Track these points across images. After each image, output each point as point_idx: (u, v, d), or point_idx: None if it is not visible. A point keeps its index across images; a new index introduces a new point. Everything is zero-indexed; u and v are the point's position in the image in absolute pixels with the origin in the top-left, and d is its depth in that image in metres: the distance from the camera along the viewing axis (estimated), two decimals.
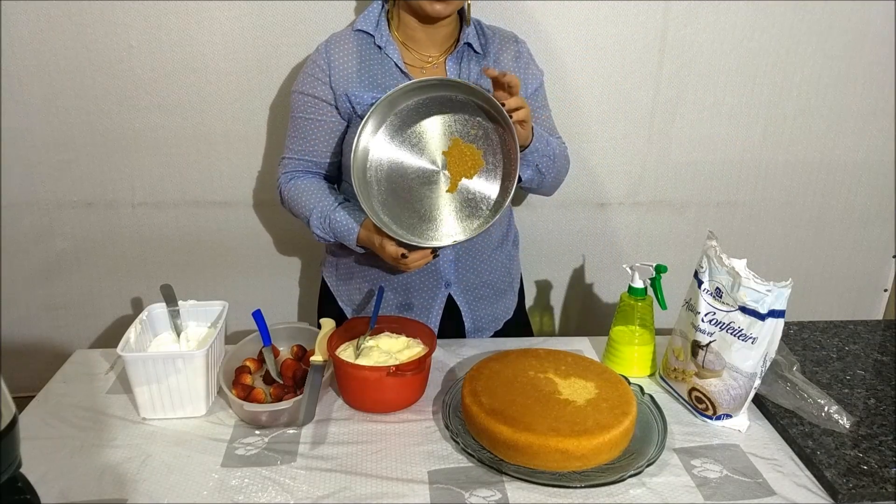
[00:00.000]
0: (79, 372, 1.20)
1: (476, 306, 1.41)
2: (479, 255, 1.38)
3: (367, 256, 1.35)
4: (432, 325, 1.38)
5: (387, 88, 1.24)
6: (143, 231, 1.73)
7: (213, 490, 0.92)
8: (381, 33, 1.28)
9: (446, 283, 1.37)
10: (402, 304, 1.38)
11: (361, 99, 1.25)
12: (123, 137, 1.64)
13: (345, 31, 1.30)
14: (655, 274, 1.19)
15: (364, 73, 1.27)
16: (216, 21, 1.55)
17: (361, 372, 1.07)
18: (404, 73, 1.27)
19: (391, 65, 1.27)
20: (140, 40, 1.55)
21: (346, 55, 1.27)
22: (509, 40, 1.34)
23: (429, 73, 1.29)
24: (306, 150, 1.33)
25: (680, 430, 1.07)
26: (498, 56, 1.32)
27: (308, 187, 1.32)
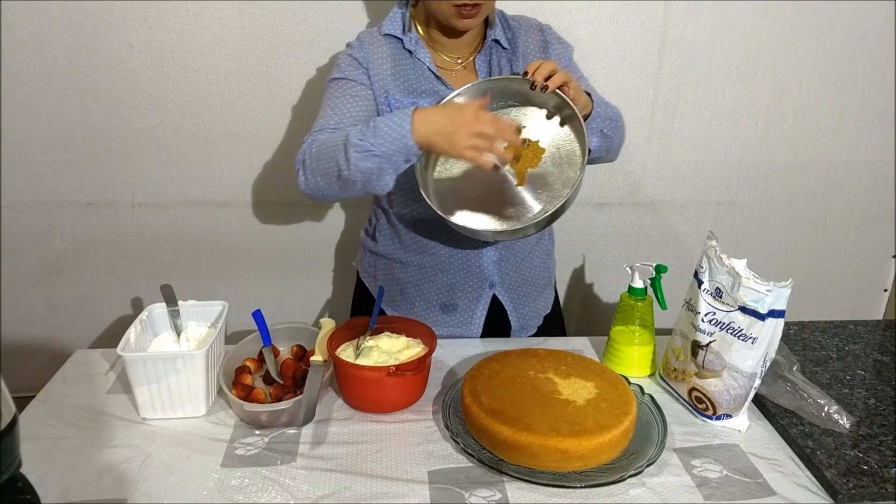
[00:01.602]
0: (79, 372, 1.20)
1: (520, 304, 1.39)
2: (521, 253, 1.36)
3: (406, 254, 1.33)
4: (476, 325, 1.36)
5: (422, 92, 1.24)
6: (143, 231, 1.74)
7: (213, 490, 0.92)
8: (409, 37, 1.26)
9: (490, 283, 1.35)
10: (445, 304, 1.36)
11: (400, 102, 1.23)
12: (123, 137, 1.64)
13: (371, 35, 1.28)
14: (655, 274, 1.19)
15: (399, 76, 1.25)
16: (216, 21, 1.55)
17: (361, 372, 1.07)
18: (438, 77, 1.25)
19: (424, 69, 1.25)
20: (140, 40, 1.55)
21: (380, 56, 1.25)
22: (533, 29, 1.32)
23: (459, 74, 1.28)
24: (339, 122, 1.18)
25: (680, 430, 1.07)
26: (526, 49, 1.29)
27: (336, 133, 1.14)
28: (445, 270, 1.34)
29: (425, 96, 1.25)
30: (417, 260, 1.34)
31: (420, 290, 1.36)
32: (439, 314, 1.37)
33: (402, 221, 1.33)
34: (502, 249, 1.33)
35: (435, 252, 1.33)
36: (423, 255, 1.34)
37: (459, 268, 1.33)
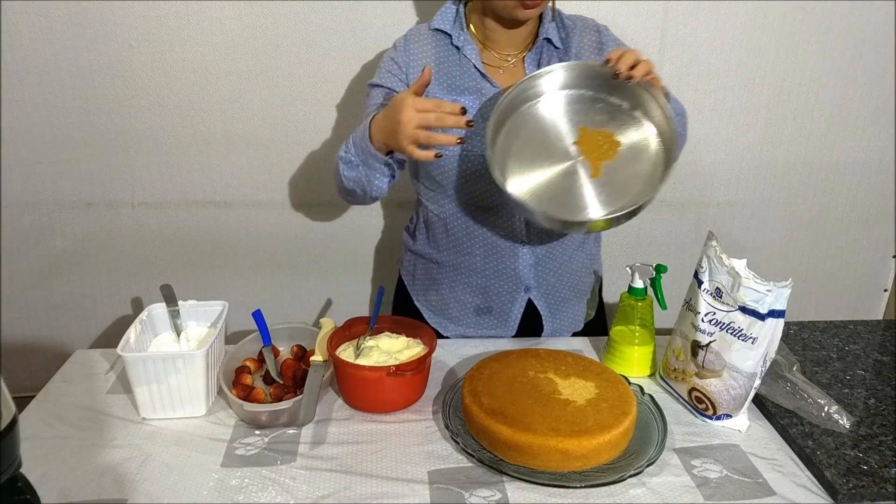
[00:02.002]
0: (79, 372, 1.20)
1: (557, 309, 1.36)
2: (560, 257, 1.33)
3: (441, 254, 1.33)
4: (510, 328, 1.36)
5: (465, 90, 1.23)
6: (143, 231, 1.74)
7: (213, 490, 0.92)
8: (458, 33, 1.24)
9: (525, 287, 1.33)
10: (480, 307, 1.35)
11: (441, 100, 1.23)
12: (123, 137, 1.64)
13: (421, 29, 1.27)
14: (655, 274, 1.19)
15: (442, 73, 1.24)
16: (216, 21, 1.55)
17: (361, 372, 1.07)
18: (483, 75, 1.23)
19: (469, 66, 1.24)
20: (140, 40, 1.55)
21: (424, 54, 1.24)
22: (589, 30, 1.28)
23: (507, 72, 1.26)
24: None
25: (680, 430, 1.07)
26: (579, 49, 1.27)
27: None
28: (480, 272, 1.33)
29: (468, 94, 1.23)
30: (453, 260, 1.34)
31: (454, 292, 1.36)
32: (473, 316, 1.37)
33: (438, 221, 1.32)
34: (539, 253, 1.31)
35: (470, 253, 1.32)
36: (457, 256, 1.33)
37: (494, 270, 1.32)
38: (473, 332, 1.38)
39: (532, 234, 1.28)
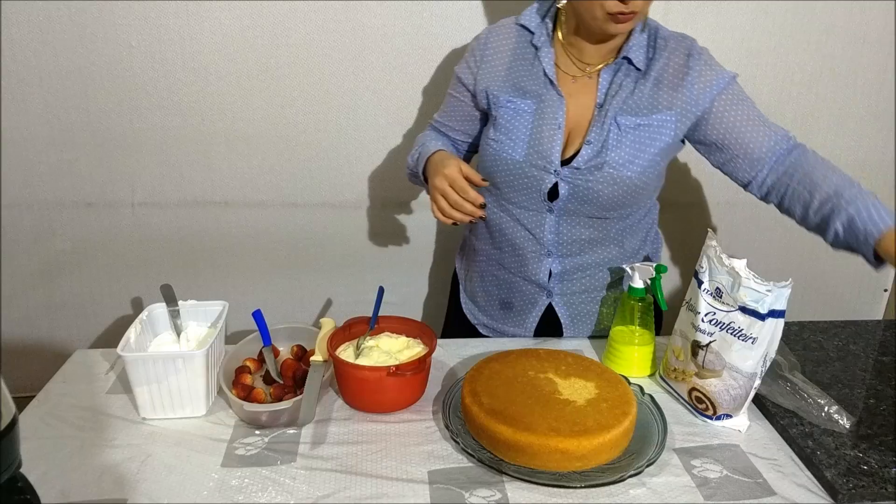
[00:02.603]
0: (79, 372, 1.20)
1: (579, 319, 1.35)
2: (593, 271, 1.30)
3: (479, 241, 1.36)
4: (529, 327, 1.36)
5: (527, 92, 1.21)
6: (143, 231, 1.74)
7: (213, 490, 0.92)
8: (541, 32, 1.21)
9: (547, 293, 1.32)
10: (504, 301, 1.37)
11: (498, 99, 1.23)
12: (123, 137, 1.64)
13: (508, 23, 1.25)
14: (655, 274, 1.19)
15: (512, 71, 1.23)
16: (216, 21, 1.55)
17: (361, 372, 1.07)
18: (551, 82, 1.20)
19: (540, 70, 1.21)
20: (140, 40, 1.55)
21: (500, 50, 1.23)
22: (679, 52, 1.19)
23: (580, 82, 1.21)
24: (443, 123, 1.36)
25: (680, 430, 1.06)
26: (661, 74, 1.19)
27: (431, 137, 1.34)
28: (507, 268, 1.34)
29: (529, 98, 1.21)
30: (486, 250, 1.35)
31: (484, 281, 1.38)
32: (497, 308, 1.39)
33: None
34: (566, 264, 1.29)
35: (500, 248, 1.33)
36: (490, 247, 1.34)
37: (519, 269, 1.32)
38: (495, 325, 1.40)
39: (562, 247, 1.27)
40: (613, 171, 1.18)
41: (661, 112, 1.18)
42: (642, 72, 1.19)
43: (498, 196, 1.28)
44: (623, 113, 1.18)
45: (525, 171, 1.21)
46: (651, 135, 1.19)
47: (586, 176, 1.19)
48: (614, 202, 1.21)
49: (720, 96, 1.18)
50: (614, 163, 1.18)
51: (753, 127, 1.18)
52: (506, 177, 1.23)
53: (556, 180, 1.20)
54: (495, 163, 1.23)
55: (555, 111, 1.20)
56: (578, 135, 1.21)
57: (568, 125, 1.21)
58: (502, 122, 1.22)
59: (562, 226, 1.25)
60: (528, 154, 1.20)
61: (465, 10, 1.59)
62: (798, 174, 1.16)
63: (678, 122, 1.19)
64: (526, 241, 1.28)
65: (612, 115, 1.18)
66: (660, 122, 1.19)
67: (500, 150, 1.22)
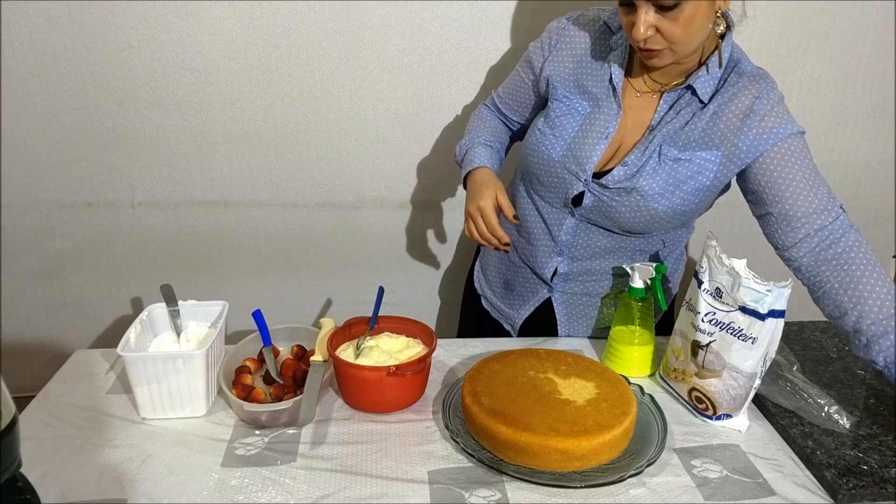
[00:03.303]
0: (79, 372, 1.20)
1: (574, 318, 1.34)
2: (597, 278, 1.29)
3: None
4: (523, 313, 1.36)
5: (587, 93, 1.18)
6: (143, 231, 1.73)
7: (213, 490, 0.92)
8: (619, 37, 1.15)
9: (549, 287, 1.32)
10: (507, 281, 1.39)
11: (557, 91, 1.20)
12: (123, 137, 1.64)
13: (594, 15, 1.19)
14: (655, 274, 1.19)
15: (580, 68, 1.19)
16: (216, 21, 1.55)
17: (361, 372, 1.07)
18: (614, 90, 1.15)
19: (607, 75, 1.16)
20: (140, 40, 1.55)
21: (576, 43, 1.19)
22: (750, 92, 1.09)
23: (643, 100, 1.16)
24: (503, 98, 1.35)
25: (680, 430, 1.07)
26: (721, 108, 1.10)
27: (489, 121, 1.36)
28: (519, 252, 1.35)
29: (587, 99, 1.18)
30: (507, 229, 1.27)
31: (496, 258, 1.41)
32: (500, 287, 1.41)
33: (512, 190, 1.35)
34: (575, 267, 1.28)
35: (519, 232, 1.33)
36: (509, 227, 1.30)
37: (528, 258, 1.33)
38: (495, 300, 1.43)
39: (574, 250, 1.27)
40: (640, 200, 1.14)
41: (707, 150, 1.11)
42: (704, 104, 1.12)
43: (528, 184, 1.29)
44: (669, 143, 1.13)
45: (557, 171, 1.20)
46: (690, 172, 1.13)
47: (612, 195, 1.16)
48: (636, 226, 1.19)
49: (775, 147, 1.08)
50: (643, 191, 1.13)
51: (798, 187, 1.08)
52: (538, 170, 1.23)
53: (584, 189, 1.18)
54: (533, 153, 1.23)
55: (607, 120, 1.16)
56: (623, 151, 1.17)
57: (617, 139, 1.18)
58: (553, 116, 1.20)
59: (580, 230, 1.25)
60: (566, 156, 1.19)
61: (466, 10, 1.59)
62: (841, 273, 1.05)
63: (722, 164, 1.11)
64: (542, 234, 1.28)
65: (658, 142, 1.13)
66: (702, 160, 1.12)
67: (542, 142, 1.21)
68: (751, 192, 1.14)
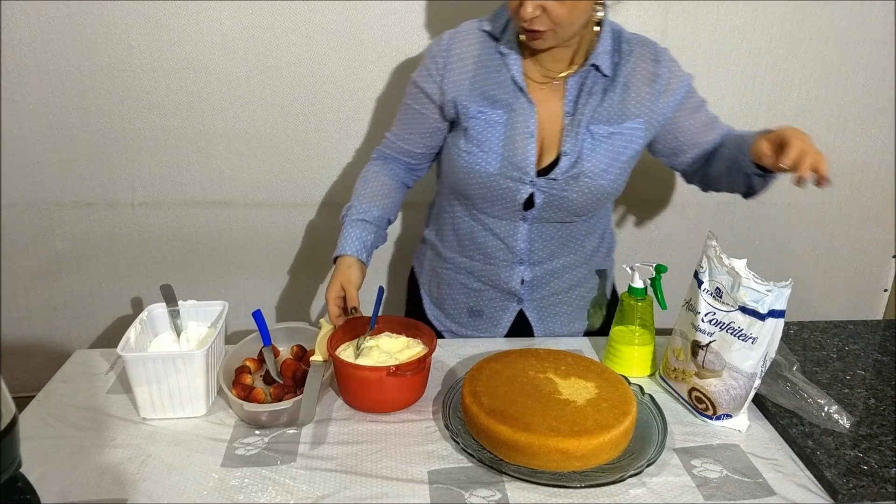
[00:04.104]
0: (79, 372, 1.20)
1: (549, 321, 1.36)
2: (559, 274, 1.32)
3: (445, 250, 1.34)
4: (500, 334, 1.36)
5: (497, 101, 1.19)
6: (143, 231, 1.73)
7: (213, 490, 0.92)
8: (507, 39, 1.17)
9: (518, 299, 1.33)
10: (472, 309, 1.36)
11: (467, 110, 1.19)
12: (123, 137, 1.64)
13: (471, 28, 1.21)
14: (655, 274, 1.19)
15: (478, 80, 1.19)
16: (216, 21, 1.55)
17: (361, 372, 1.07)
18: (520, 89, 1.18)
19: (508, 77, 1.18)
20: (140, 40, 1.55)
21: (464, 58, 1.19)
22: (647, 58, 1.19)
23: (549, 89, 1.20)
24: (403, 138, 1.31)
25: (680, 430, 1.07)
26: (629, 79, 1.18)
27: (373, 181, 1.31)
28: (477, 276, 1.33)
29: (499, 107, 1.19)
30: (454, 258, 1.34)
31: (452, 289, 1.37)
32: (466, 317, 1.38)
33: (449, 218, 1.33)
34: (537, 272, 1.30)
35: (470, 256, 1.32)
36: (459, 256, 1.34)
37: (489, 279, 1.32)
38: (464, 331, 1.39)
39: (533, 254, 1.28)
40: (589, 181, 1.19)
41: (631, 120, 1.20)
42: (610, 78, 1.19)
43: (469, 206, 1.27)
44: (595, 122, 1.19)
45: (500, 183, 1.20)
46: (623, 142, 1.20)
47: (562, 186, 1.19)
48: (585, 208, 1.24)
49: (682, 105, 1.22)
50: (590, 172, 1.19)
51: (705, 127, 1.25)
52: (479, 189, 1.22)
53: (532, 190, 1.20)
54: (468, 175, 1.21)
55: (526, 119, 1.18)
56: (550, 143, 1.20)
57: (539, 133, 1.20)
58: (474, 134, 1.20)
59: (534, 233, 1.26)
60: (503, 166, 1.19)
61: (465, 10, 1.58)
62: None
63: (646, 129, 1.21)
64: (498, 250, 1.28)
65: (585, 123, 1.18)
66: (631, 129, 1.20)
67: (474, 162, 1.20)
68: (667, 147, 1.26)
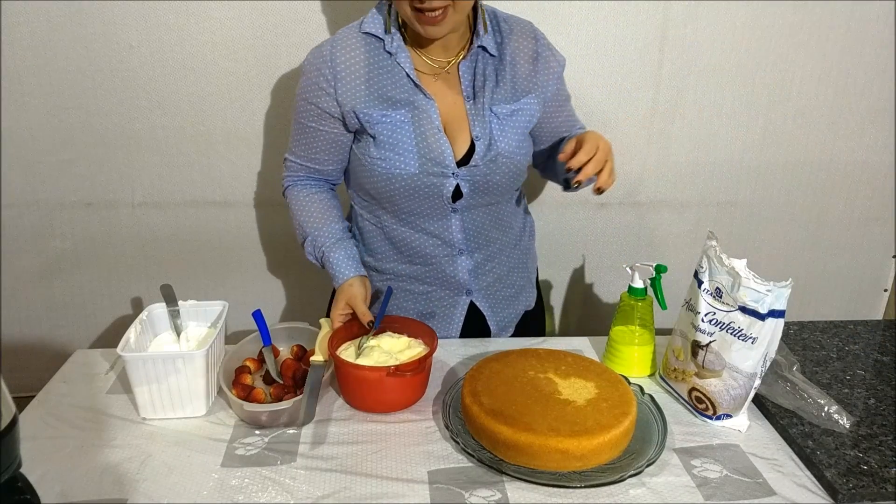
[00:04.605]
0: (79, 372, 1.20)
1: (499, 308, 1.38)
2: (497, 258, 1.34)
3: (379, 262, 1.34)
4: (454, 331, 1.36)
5: (397, 102, 1.18)
6: (143, 231, 1.73)
7: (213, 490, 0.92)
8: (391, 37, 1.17)
9: (467, 291, 1.33)
10: (423, 313, 1.35)
11: (370, 116, 1.17)
12: (123, 137, 1.64)
13: (350, 34, 1.18)
14: (655, 274, 1.19)
15: (373, 84, 1.17)
16: (216, 21, 1.55)
17: (361, 372, 1.07)
18: (416, 85, 1.18)
19: (402, 74, 1.17)
20: (140, 40, 1.55)
21: (353, 65, 1.17)
22: (526, 36, 1.23)
23: (442, 80, 1.20)
24: (309, 157, 1.27)
25: (680, 430, 1.07)
26: (514, 57, 1.22)
27: (310, 205, 1.28)
28: (420, 280, 1.33)
29: (399, 107, 1.18)
30: (392, 269, 1.33)
31: (396, 299, 1.35)
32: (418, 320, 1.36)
33: (375, 230, 1.31)
34: (478, 258, 1.31)
35: (409, 262, 1.31)
36: (397, 265, 1.32)
37: (434, 278, 1.32)
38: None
39: (470, 242, 1.29)
40: (507, 161, 1.22)
41: (526, 95, 1.23)
42: (498, 58, 1.22)
43: (397, 212, 1.25)
44: (497, 102, 1.21)
45: (423, 181, 1.19)
46: (526, 118, 1.24)
47: (484, 171, 1.21)
48: (508, 187, 1.27)
49: (555, 94, 1.27)
50: (506, 151, 1.22)
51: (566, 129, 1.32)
52: (404, 192, 1.21)
53: (457, 182, 1.21)
54: (389, 181, 1.20)
55: (430, 114, 1.18)
56: (458, 131, 1.21)
57: (443, 124, 1.20)
58: (384, 139, 1.18)
59: (466, 221, 1.27)
60: (422, 164, 1.18)
61: None
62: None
63: (539, 103, 1.25)
64: (436, 247, 1.28)
65: (488, 105, 1.21)
66: (527, 104, 1.24)
67: (391, 167, 1.18)
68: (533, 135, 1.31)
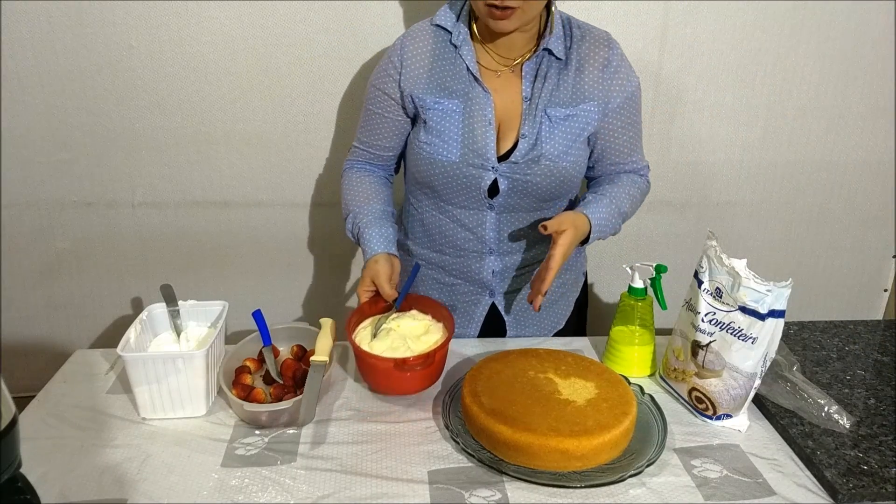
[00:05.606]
0: (79, 372, 1.20)
1: (521, 316, 1.37)
2: (530, 269, 1.32)
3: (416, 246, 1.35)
4: (473, 330, 1.37)
5: (453, 91, 1.21)
6: (143, 231, 1.74)
7: (213, 490, 0.92)
8: (458, 30, 1.20)
9: (490, 291, 1.34)
10: (445, 304, 1.34)
11: (424, 102, 1.21)
12: (123, 137, 1.64)
13: (423, 25, 1.24)
14: (655, 274, 1.19)
15: (434, 74, 1.21)
16: (216, 21, 1.55)
17: (371, 360, 1.09)
18: (476, 79, 1.20)
19: (463, 67, 1.21)
20: (140, 40, 1.55)
21: (419, 53, 1.22)
22: (600, 44, 1.22)
23: (504, 77, 1.22)
24: (372, 143, 1.31)
25: (680, 430, 1.06)
26: (582, 64, 1.21)
27: (360, 185, 1.31)
28: (447, 271, 1.35)
29: (455, 97, 1.21)
30: (424, 254, 1.36)
31: (424, 286, 1.38)
32: None
33: (416, 214, 1.34)
34: (507, 262, 1.31)
35: (440, 251, 1.33)
36: (428, 251, 1.35)
37: (461, 272, 1.34)
38: None
39: (502, 243, 1.29)
40: (550, 163, 1.21)
41: (585, 102, 1.21)
42: (563, 62, 1.21)
43: (436, 199, 1.28)
44: (552, 105, 1.21)
45: (462, 171, 1.21)
46: (580, 125, 1.22)
47: (524, 170, 1.21)
48: (551, 193, 1.24)
49: (621, 108, 1.23)
50: (550, 154, 1.20)
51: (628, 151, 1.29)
52: (443, 179, 1.23)
53: (495, 177, 1.21)
54: (431, 166, 1.23)
55: (483, 107, 1.20)
56: (510, 129, 1.22)
57: (497, 120, 1.22)
58: (433, 125, 1.21)
59: (502, 222, 1.27)
60: (464, 154, 1.20)
61: None
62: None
63: (600, 111, 1.23)
64: (467, 241, 1.29)
65: (542, 107, 1.20)
66: (585, 111, 1.22)
67: (435, 152, 1.21)
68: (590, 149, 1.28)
